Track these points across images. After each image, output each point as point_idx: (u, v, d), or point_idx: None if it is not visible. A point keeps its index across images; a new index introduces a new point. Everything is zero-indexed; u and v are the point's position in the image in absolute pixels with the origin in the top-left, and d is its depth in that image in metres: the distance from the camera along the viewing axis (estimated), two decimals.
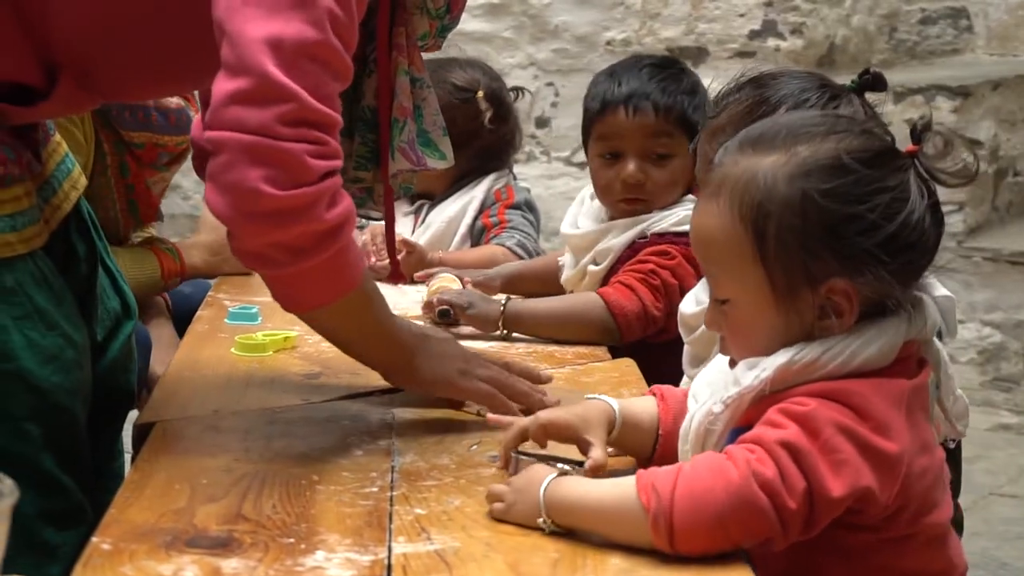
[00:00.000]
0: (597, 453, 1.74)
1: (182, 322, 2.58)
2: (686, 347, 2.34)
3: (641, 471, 1.60)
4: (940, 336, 1.86)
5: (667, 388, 1.90)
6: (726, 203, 1.67)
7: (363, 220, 2.84)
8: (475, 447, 1.93)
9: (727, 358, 1.74)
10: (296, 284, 1.90)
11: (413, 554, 1.56)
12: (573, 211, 2.99)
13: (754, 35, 4.82)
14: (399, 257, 2.88)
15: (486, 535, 1.62)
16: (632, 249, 2.78)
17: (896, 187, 1.64)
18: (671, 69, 2.87)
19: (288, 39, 1.76)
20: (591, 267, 2.84)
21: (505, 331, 2.64)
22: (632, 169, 2.79)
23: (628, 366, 2.46)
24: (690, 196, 2.80)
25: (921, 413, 1.67)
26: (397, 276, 2.25)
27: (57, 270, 1.96)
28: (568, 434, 1.80)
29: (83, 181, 2.15)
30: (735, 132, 1.82)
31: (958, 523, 1.90)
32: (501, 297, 2.73)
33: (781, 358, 1.64)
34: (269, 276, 1.91)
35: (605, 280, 2.78)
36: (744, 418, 1.65)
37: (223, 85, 1.78)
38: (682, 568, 1.53)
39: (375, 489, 1.77)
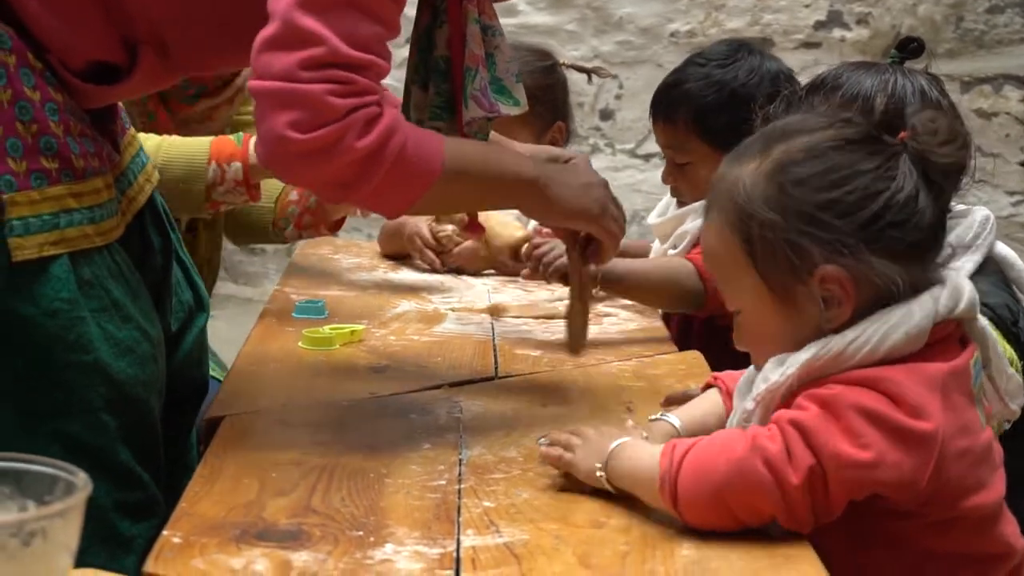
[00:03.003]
0: None
1: None
2: None
3: (673, 439, 1.65)
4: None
5: (728, 376, 1.91)
6: (717, 217, 1.72)
7: None
8: (543, 440, 1.93)
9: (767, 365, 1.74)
10: (372, 203, 1.93)
11: (482, 547, 1.56)
12: (664, 201, 3.02)
13: (819, 25, 4.78)
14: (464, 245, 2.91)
15: (555, 528, 1.61)
16: None
17: (875, 169, 1.65)
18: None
19: None
20: (670, 251, 2.85)
21: (601, 290, 2.63)
22: None
23: (695, 358, 2.46)
24: None
25: (960, 395, 1.66)
26: (475, 228, 2.25)
27: (133, 263, 1.97)
28: None
29: (156, 175, 2.16)
30: None
31: None
32: None
33: (805, 354, 1.65)
34: (345, 203, 1.95)
35: None
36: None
37: (261, 32, 1.81)
38: (751, 559, 1.53)
39: (443, 482, 1.77)
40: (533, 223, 3.27)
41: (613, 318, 2.81)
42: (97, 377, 1.87)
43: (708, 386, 1.96)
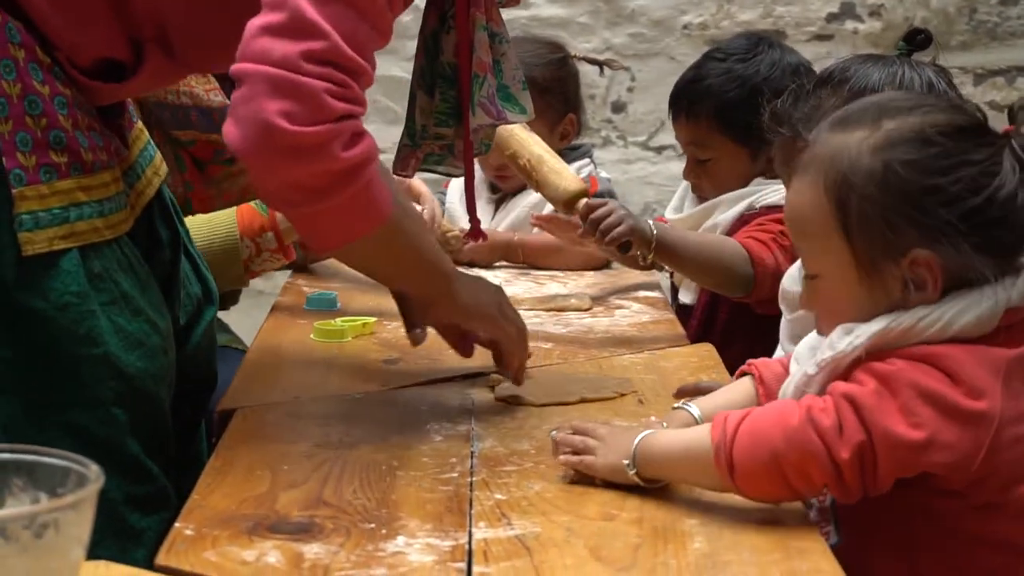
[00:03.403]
0: None
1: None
2: (785, 322, 2.33)
3: (721, 411, 1.64)
4: None
5: (763, 364, 1.91)
6: (813, 178, 1.70)
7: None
8: (554, 432, 1.93)
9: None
10: (318, 223, 1.88)
11: (494, 539, 1.56)
12: (679, 195, 3.01)
13: (832, 18, 4.77)
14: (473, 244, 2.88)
15: (567, 520, 1.61)
16: (741, 221, 2.78)
17: (982, 162, 1.64)
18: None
19: None
20: None
21: (652, 256, 2.60)
22: None
23: (707, 351, 2.45)
24: None
25: (1022, 383, 1.66)
26: (478, 234, 2.24)
27: (141, 256, 1.97)
28: None
29: (164, 168, 2.16)
30: None
31: None
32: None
33: (877, 325, 1.64)
34: (291, 216, 1.91)
35: None
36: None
37: (256, 20, 1.78)
38: (763, 552, 1.52)
39: (455, 475, 1.77)
40: (588, 172, 3.25)
41: (625, 310, 2.81)
42: (107, 370, 1.87)
43: (742, 374, 1.95)
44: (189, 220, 2.73)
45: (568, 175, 2.72)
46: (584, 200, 2.64)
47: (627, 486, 1.69)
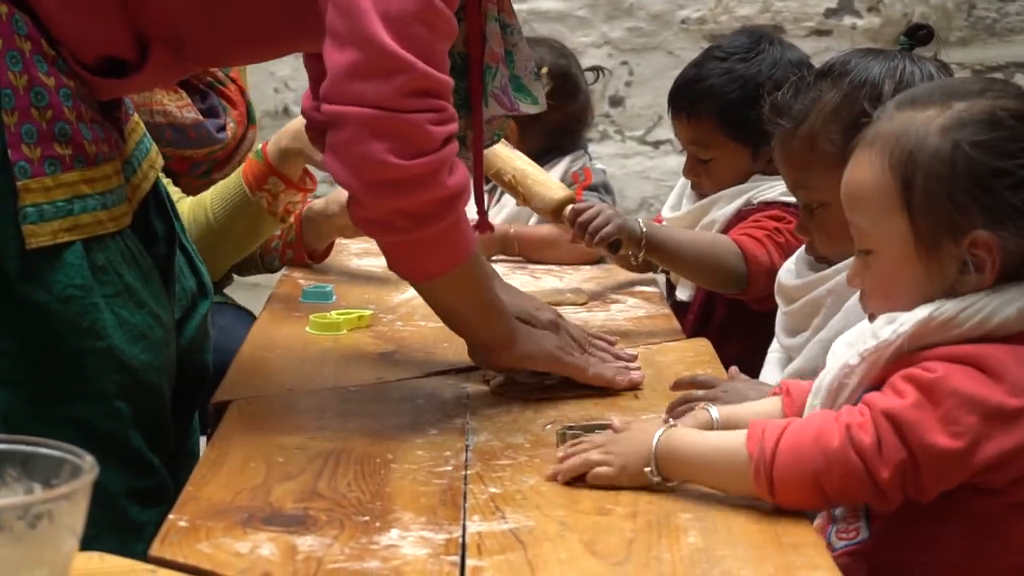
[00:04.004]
0: None
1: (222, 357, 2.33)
2: (781, 315, 2.33)
3: (755, 420, 1.64)
4: None
5: (794, 383, 1.87)
6: (878, 155, 1.70)
7: None
8: (550, 426, 1.93)
9: (867, 322, 1.73)
10: (415, 252, 1.94)
11: (488, 533, 1.56)
12: (676, 192, 3.01)
13: (831, 13, 4.77)
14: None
15: (561, 514, 1.61)
16: (738, 217, 2.78)
17: None
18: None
19: (394, 8, 1.78)
20: None
21: (642, 255, 2.61)
22: None
23: (703, 346, 2.45)
24: None
25: None
26: (485, 226, 2.25)
27: None
28: None
29: (160, 161, 2.16)
30: (834, 129, 2.00)
31: None
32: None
33: (921, 313, 1.64)
34: (389, 243, 1.95)
35: None
36: (879, 376, 1.66)
37: (337, 57, 1.81)
38: (758, 546, 1.53)
39: (449, 468, 1.78)
40: (582, 164, 3.28)
41: (620, 304, 2.81)
42: (111, 363, 1.87)
43: (774, 394, 1.91)
44: (204, 196, 2.75)
45: (552, 185, 2.77)
46: (571, 206, 2.66)
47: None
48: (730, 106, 2.79)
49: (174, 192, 2.78)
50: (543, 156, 3.32)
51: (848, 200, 1.75)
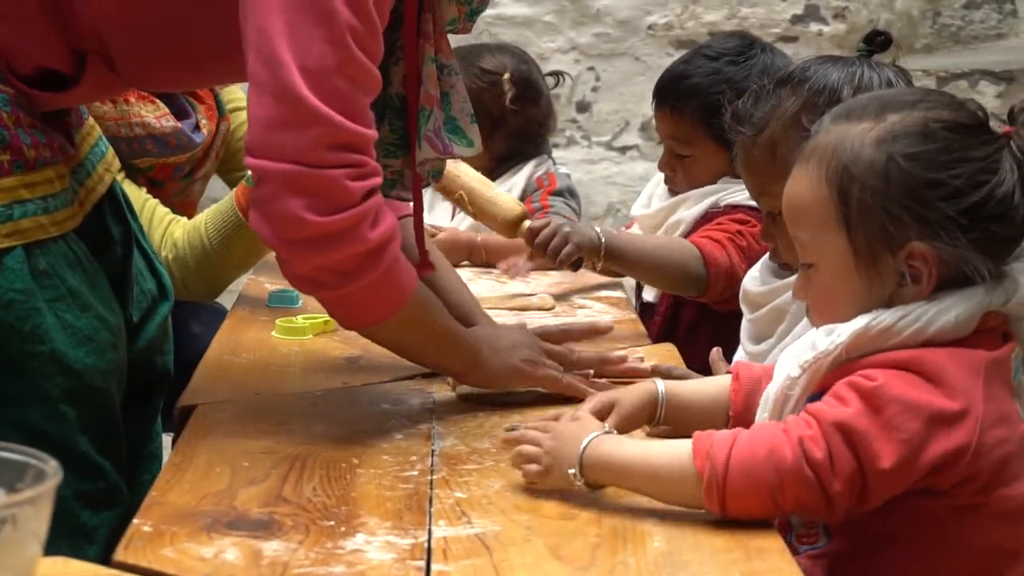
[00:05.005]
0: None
1: (188, 364, 2.32)
2: (746, 323, 2.34)
3: (699, 433, 1.63)
4: None
5: (745, 365, 1.90)
6: (815, 168, 1.70)
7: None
8: (508, 428, 1.93)
9: (814, 332, 1.74)
10: (350, 304, 1.92)
11: (453, 538, 1.56)
12: (647, 192, 3.01)
13: (797, 19, 4.80)
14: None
15: (527, 519, 1.61)
16: (705, 218, 2.79)
17: (983, 159, 1.66)
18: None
19: (313, 61, 1.77)
20: None
21: (601, 262, 2.63)
22: None
23: (668, 351, 2.46)
24: None
25: (1001, 385, 1.67)
26: (426, 266, 2.24)
27: (92, 252, 1.97)
28: (608, 412, 1.81)
29: (117, 164, 2.16)
30: (795, 136, 1.95)
31: None
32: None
33: (858, 323, 1.65)
34: (322, 298, 1.94)
35: None
36: (821, 384, 1.67)
37: (257, 108, 1.80)
38: (723, 551, 1.53)
39: (415, 473, 1.77)
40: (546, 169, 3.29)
41: (587, 310, 2.81)
42: (54, 367, 1.87)
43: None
44: (198, 221, 2.75)
45: (503, 202, 2.78)
46: (526, 223, 2.67)
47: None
48: (714, 107, 2.79)
49: (162, 210, 2.78)
50: (507, 162, 3.33)
51: (789, 214, 1.76)
